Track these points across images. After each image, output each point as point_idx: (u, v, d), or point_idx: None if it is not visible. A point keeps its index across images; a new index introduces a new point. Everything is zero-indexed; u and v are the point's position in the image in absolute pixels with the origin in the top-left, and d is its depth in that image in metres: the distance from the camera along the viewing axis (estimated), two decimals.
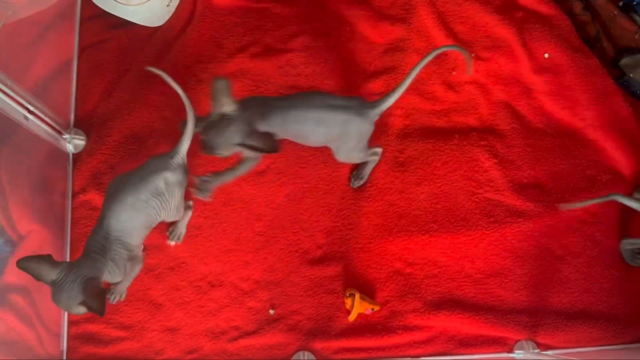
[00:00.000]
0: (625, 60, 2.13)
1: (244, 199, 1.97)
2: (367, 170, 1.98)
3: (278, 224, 1.96)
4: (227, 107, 1.55)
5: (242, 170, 1.80)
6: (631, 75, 2.12)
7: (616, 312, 1.95)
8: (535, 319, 1.92)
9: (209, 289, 1.91)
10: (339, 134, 1.73)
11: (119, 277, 1.62)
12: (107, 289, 1.59)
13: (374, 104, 1.75)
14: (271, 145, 1.61)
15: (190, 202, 1.87)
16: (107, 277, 1.58)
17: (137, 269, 1.74)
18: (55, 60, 2.00)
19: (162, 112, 2.03)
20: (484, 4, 2.13)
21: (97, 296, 1.46)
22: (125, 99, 2.03)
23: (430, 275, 1.95)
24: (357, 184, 1.99)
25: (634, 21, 2.13)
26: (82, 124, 2.01)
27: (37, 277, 1.44)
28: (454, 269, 1.96)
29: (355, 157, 1.88)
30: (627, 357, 1.94)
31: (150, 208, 1.60)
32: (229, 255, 1.94)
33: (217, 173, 1.80)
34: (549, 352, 1.91)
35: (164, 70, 2.00)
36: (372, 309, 1.88)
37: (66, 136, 1.95)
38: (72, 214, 1.94)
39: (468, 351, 1.92)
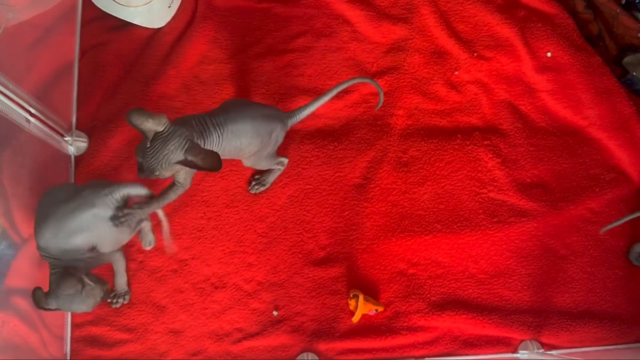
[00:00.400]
0: (628, 59, 2.12)
1: (246, 200, 1.96)
2: (272, 178, 1.94)
3: (281, 225, 1.95)
4: (159, 126, 1.42)
5: (172, 198, 1.65)
6: (634, 73, 2.11)
7: (620, 311, 1.94)
8: (540, 319, 1.92)
9: (213, 291, 1.91)
10: (266, 142, 1.69)
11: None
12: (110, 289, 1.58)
13: (290, 114, 1.76)
14: (214, 162, 1.46)
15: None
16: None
17: (121, 263, 1.75)
18: (57, 63, 2.00)
19: (164, 113, 2.01)
20: (485, 3, 2.13)
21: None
22: (126, 101, 2.02)
23: (433, 275, 1.94)
24: (257, 189, 1.95)
25: (636, 19, 2.12)
26: (84, 126, 2.01)
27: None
28: (457, 269, 1.95)
29: (264, 164, 1.83)
30: (631, 357, 1.93)
31: (77, 244, 1.56)
32: (232, 257, 1.93)
33: (142, 204, 1.62)
34: (554, 352, 1.90)
35: (165, 71, 2.03)
36: (376, 310, 1.87)
37: (68, 138, 1.94)
38: None
39: (472, 352, 1.91)
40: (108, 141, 1.98)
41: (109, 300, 1.85)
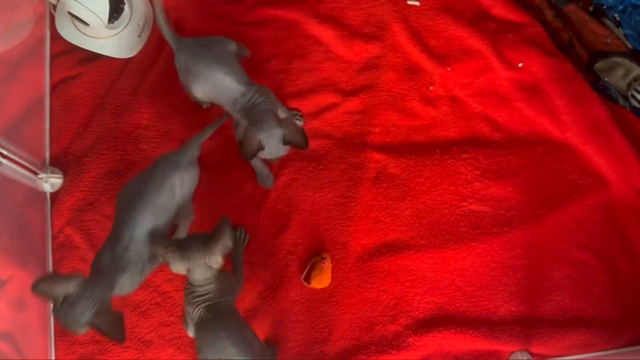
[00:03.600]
0: (599, 65, 2.14)
1: None
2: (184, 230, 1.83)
3: (264, 250, 1.94)
4: (68, 288, 1.40)
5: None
6: (605, 79, 2.13)
7: (608, 317, 1.94)
8: (528, 329, 1.91)
9: None
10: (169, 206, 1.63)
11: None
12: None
13: (178, 152, 1.68)
14: (117, 331, 1.44)
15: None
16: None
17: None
18: (27, 99, 1.97)
19: (138, 144, 2.00)
20: (456, 17, 2.14)
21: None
22: (100, 134, 2.01)
23: (420, 292, 1.93)
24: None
25: (605, 26, 2.14)
26: (58, 162, 1.98)
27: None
28: (443, 283, 1.94)
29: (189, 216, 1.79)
30: None
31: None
32: None
33: None
34: None
35: (138, 100, 2.00)
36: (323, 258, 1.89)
37: (42, 175, 1.91)
38: (53, 255, 1.91)
39: None
40: (83, 175, 1.95)
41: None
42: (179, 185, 1.61)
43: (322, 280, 1.87)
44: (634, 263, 1.98)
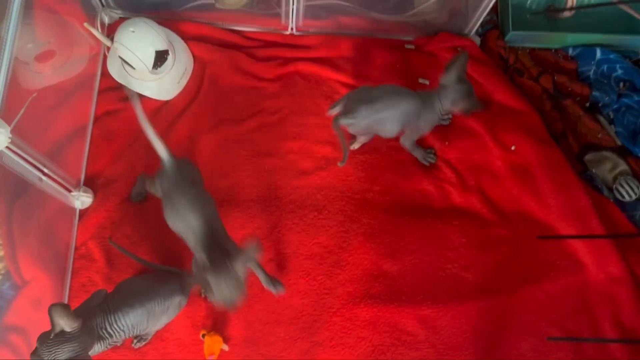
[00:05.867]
0: (589, 156, 2.28)
1: None
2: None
3: (259, 285, 2.07)
4: (68, 327, 1.51)
5: None
6: (594, 170, 2.26)
7: None
8: None
9: None
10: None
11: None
12: None
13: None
14: None
15: None
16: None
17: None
18: (72, 125, 2.17)
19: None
20: None
21: None
22: (132, 163, 2.21)
23: (397, 343, 2.04)
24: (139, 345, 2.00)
25: (598, 121, 2.30)
26: (90, 183, 2.18)
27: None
28: (418, 338, 2.04)
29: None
30: None
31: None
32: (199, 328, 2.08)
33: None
34: None
35: (170, 138, 2.24)
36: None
37: (75, 193, 2.08)
38: (73, 264, 2.07)
39: None
40: (111, 197, 2.16)
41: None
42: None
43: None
44: (599, 345, 2.08)
